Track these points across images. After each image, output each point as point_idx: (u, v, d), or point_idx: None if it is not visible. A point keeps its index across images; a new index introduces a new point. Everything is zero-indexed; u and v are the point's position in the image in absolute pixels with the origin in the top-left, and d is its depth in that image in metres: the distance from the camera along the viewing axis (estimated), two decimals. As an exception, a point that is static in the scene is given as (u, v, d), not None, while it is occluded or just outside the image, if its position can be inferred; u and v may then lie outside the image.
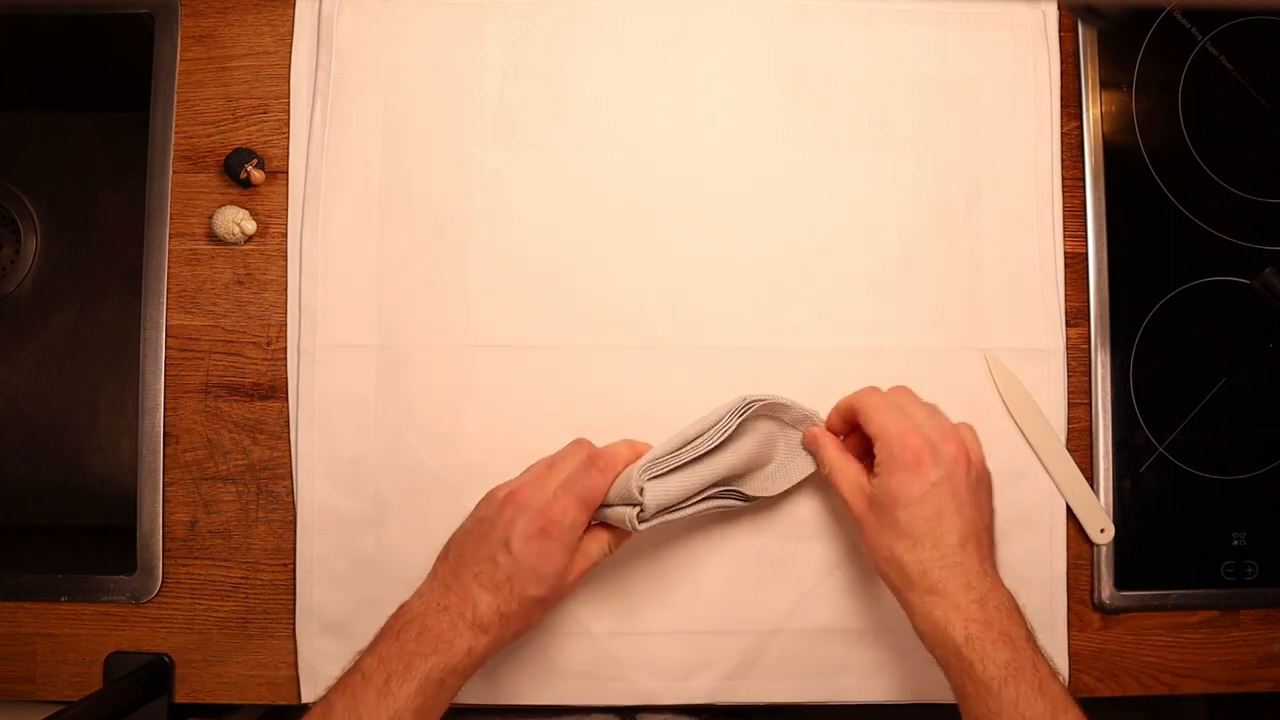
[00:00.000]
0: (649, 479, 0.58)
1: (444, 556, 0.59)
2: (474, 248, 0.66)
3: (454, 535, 0.60)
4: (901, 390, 0.61)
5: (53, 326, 0.86)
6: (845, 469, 0.60)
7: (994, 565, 0.56)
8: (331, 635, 0.64)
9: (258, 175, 0.66)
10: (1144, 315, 0.68)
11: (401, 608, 0.57)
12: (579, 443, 0.61)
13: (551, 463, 0.60)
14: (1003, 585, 0.55)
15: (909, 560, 0.55)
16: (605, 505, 0.59)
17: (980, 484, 0.58)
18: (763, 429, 0.63)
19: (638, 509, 0.58)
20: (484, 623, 0.55)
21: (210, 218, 0.66)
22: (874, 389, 0.62)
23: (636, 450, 0.61)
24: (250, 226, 0.66)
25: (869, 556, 0.58)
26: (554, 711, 0.66)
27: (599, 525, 0.60)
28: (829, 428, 0.63)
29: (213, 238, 0.66)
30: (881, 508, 0.56)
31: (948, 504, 0.55)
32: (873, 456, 0.58)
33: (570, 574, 0.58)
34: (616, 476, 0.59)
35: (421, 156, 0.66)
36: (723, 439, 0.60)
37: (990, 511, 0.58)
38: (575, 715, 0.66)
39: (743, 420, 0.61)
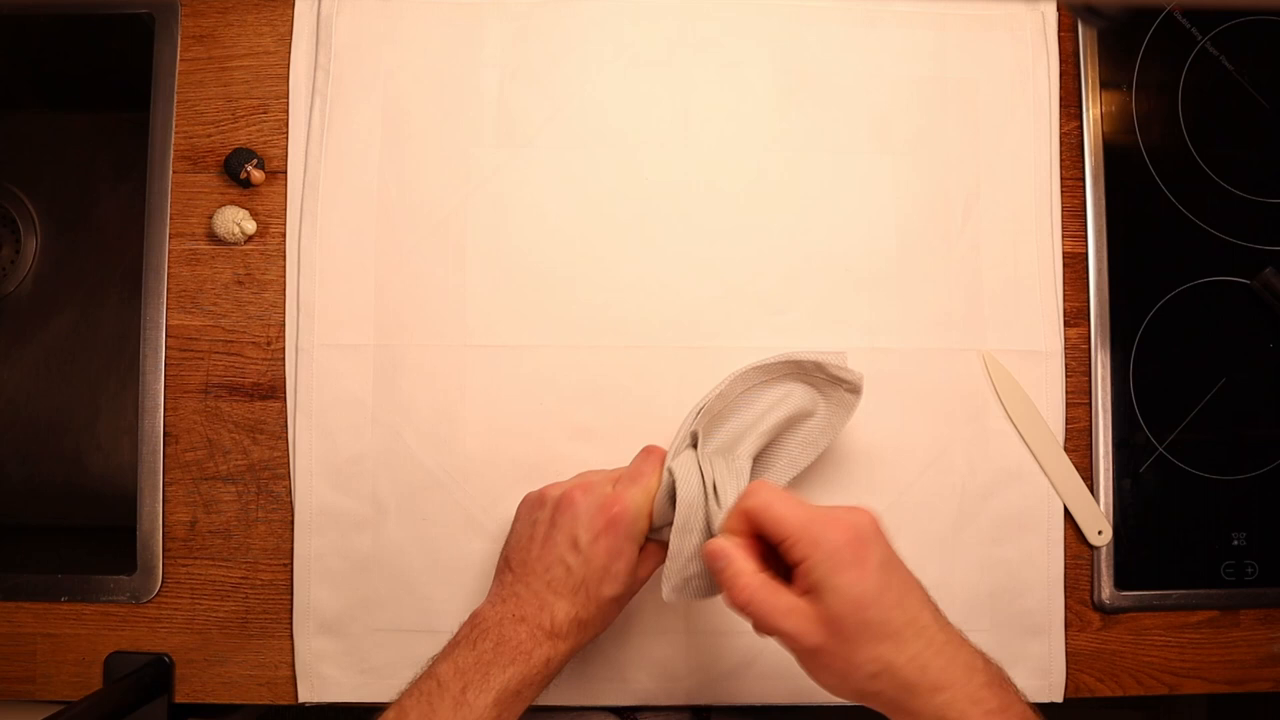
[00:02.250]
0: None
1: (506, 565, 0.58)
2: (472, 248, 0.66)
3: (510, 543, 0.59)
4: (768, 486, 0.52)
5: (53, 326, 0.86)
6: (778, 599, 0.48)
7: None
8: (328, 635, 0.65)
9: (258, 175, 0.66)
10: (1144, 315, 0.68)
11: (475, 615, 0.56)
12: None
13: (607, 471, 0.60)
14: (978, 649, 0.49)
15: (901, 661, 0.46)
16: (654, 530, 0.58)
17: (892, 546, 0.50)
18: (795, 391, 0.60)
19: None
20: (561, 631, 0.54)
21: (210, 218, 0.66)
22: (762, 484, 0.51)
23: None
24: (250, 226, 0.66)
25: (844, 685, 0.48)
26: (551, 710, 0.66)
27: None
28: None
29: (213, 238, 0.66)
30: (845, 619, 0.46)
31: (900, 582, 0.48)
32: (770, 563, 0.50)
33: (642, 569, 0.57)
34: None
35: (420, 156, 0.66)
36: (718, 393, 0.59)
37: None
38: (573, 714, 0.66)
39: (751, 385, 0.61)
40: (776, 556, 0.49)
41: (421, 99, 0.67)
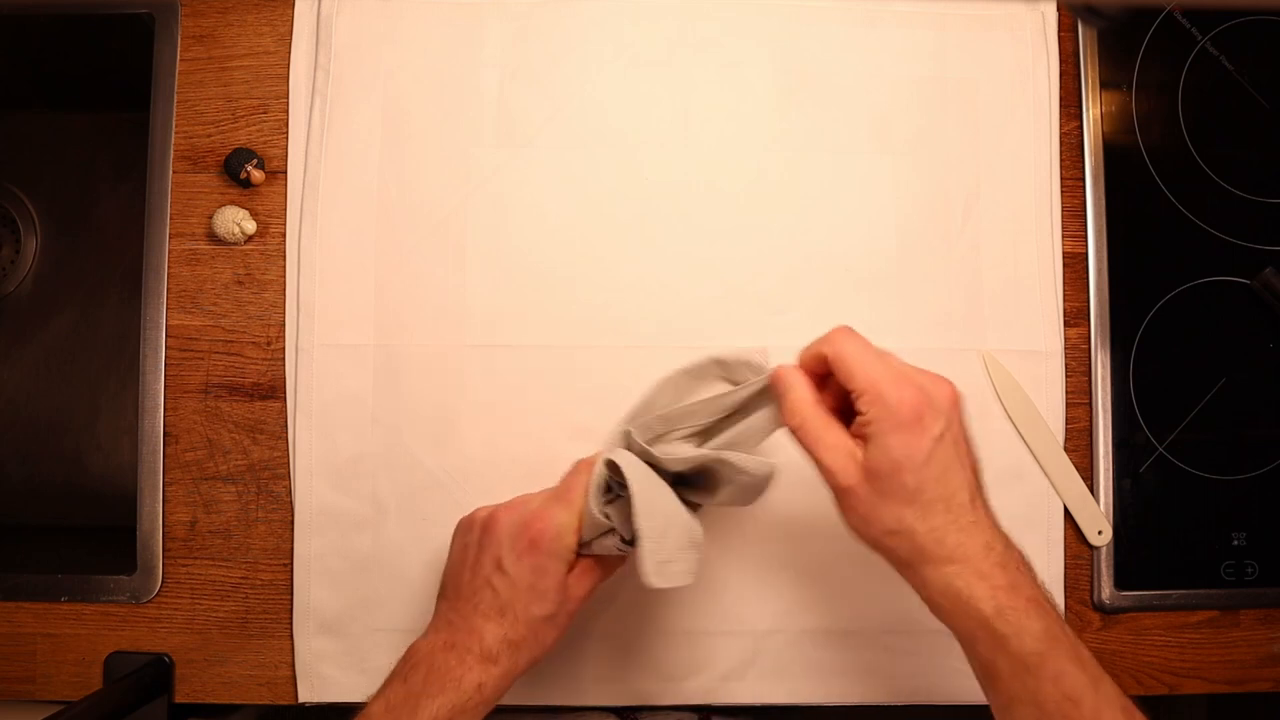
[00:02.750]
0: (609, 502, 0.54)
1: (442, 593, 0.57)
2: (472, 248, 0.66)
3: (445, 569, 0.57)
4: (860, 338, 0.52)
5: (53, 326, 0.86)
6: (825, 432, 0.50)
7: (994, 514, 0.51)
8: (328, 635, 0.65)
9: (258, 175, 0.66)
10: (1144, 315, 0.68)
11: (410, 649, 0.54)
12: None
13: (540, 492, 0.57)
14: (1010, 538, 0.50)
15: (921, 529, 0.48)
16: (584, 545, 0.55)
17: (966, 425, 0.51)
18: (722, 392, 0.57)
19: (616, 535, 0.54)
20: (492, 654, 0.52)
21: (210, 218, 0.66)
22: (846, 332, 0.51)
23: None
24: (250, 226, 0.66)
25: (863, 531, 0.50)
26: (552, 711, 0.66)
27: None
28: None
29: (213, 238, 0.66)
30: (881, 475, 0.48)
31: (952, 458, 0.48)
32: (842, 412, 0.51)
33: (576, 588, 0.55)
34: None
35: (420, 156, 0.66)
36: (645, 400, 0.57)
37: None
38: (574, 714, 0.66)
39: (679, 389, 0.58)
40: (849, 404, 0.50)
41: (421, 99, 0.67)
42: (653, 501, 0.53)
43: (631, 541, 0.53)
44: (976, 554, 0.48)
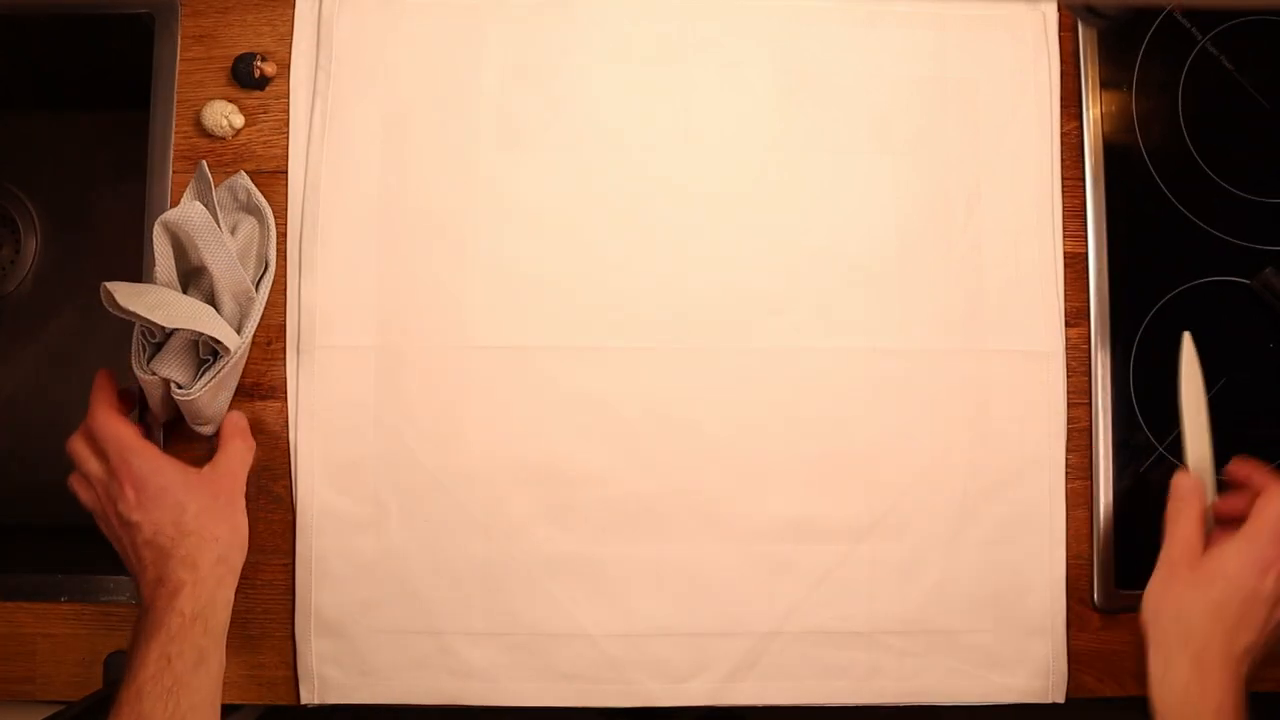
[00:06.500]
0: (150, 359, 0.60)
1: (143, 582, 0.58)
2: (473, 249, 0.66)
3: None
4: None
5: (53, 326, 0.86)
6: (1191, 517, 0.59)
7: None
8: (330, 636, 0.64)
9: (269, 68, 0.66)
10: (1144, 315, 0.68)
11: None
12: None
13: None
14: None
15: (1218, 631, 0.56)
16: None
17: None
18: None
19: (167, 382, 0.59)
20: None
21: (199, 111, 0.66)
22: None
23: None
24: (239, 120, 0.66)
25: (1163, 603, 0.58)
26: (554, 713, 0.66)
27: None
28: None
29: (201, 130, 0.66)
30: (1212, 572, 0.57)
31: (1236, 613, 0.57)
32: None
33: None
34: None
35: (420, 157, 0.66)
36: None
37: None
38: (576, 716, 0.66)
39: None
40: None
41: (422, 99, 0.67)
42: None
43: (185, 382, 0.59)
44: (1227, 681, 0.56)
